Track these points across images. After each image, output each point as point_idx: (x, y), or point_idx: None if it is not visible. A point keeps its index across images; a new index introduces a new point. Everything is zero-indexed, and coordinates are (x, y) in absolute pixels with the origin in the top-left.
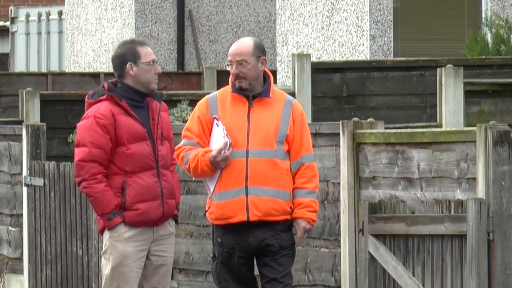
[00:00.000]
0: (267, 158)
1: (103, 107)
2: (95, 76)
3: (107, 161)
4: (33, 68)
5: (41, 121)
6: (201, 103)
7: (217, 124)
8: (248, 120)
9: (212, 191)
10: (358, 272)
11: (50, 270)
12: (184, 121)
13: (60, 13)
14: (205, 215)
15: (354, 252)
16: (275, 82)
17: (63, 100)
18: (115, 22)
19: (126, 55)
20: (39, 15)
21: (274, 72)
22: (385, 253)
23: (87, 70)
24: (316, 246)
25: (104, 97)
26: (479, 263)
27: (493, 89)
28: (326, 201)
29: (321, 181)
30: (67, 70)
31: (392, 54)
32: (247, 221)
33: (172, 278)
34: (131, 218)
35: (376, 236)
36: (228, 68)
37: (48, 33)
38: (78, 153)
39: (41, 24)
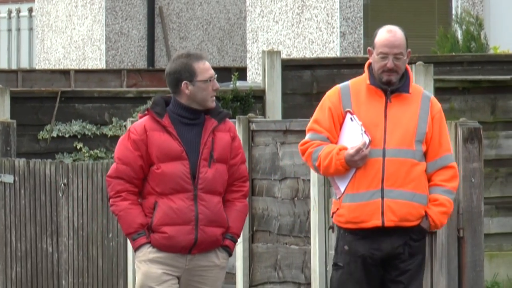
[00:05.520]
0: (405, 158)
1: (140, 122)
2: (65, 73)
3: (137, 178)
4: (3, 65)
5: (11, 118)
6: (332, 93)
7: (351, 118)
8: (385, 117)
9: (342, 191)
10: (328, 269)
11: (20, 267)
12: None
13: (30, 10)
14: (331, 217)
15: (324, 249)
16: (244, 79)
17: (33, 97)
18: (85, 19)
19: (181, 72)
20: (9, 12)
21: (244, 69)
22: None
23: (57, 67)
24: (286, 243)
25: (147, 111)
26: (449, 260)
27: (463, 86)
28: (296, 198)
29: (291, 178)
30: (37, 67)
31: (362, 51)
32: (382, 226)
33: None
34: (157, 241)
35: None
36: (372, 59)
37: (18, 30)
38: (110, 168)
39: (11, 21)
